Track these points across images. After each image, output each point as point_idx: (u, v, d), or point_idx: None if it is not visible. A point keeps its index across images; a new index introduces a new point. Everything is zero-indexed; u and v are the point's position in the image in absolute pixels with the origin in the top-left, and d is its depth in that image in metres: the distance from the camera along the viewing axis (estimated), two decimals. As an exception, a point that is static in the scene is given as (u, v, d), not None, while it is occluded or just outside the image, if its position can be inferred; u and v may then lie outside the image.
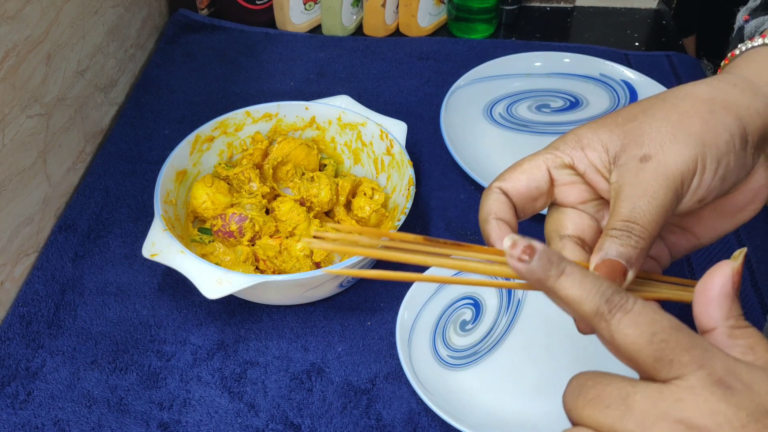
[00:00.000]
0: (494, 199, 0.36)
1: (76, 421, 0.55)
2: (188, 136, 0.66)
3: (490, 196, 0.37)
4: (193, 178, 0.67)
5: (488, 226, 0.36)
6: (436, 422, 0.55)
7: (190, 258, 0.56)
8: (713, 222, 0.38)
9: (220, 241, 0.63)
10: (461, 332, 0.61)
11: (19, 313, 0.61)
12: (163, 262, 0.56)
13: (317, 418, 0.56)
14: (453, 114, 0.80)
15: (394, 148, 0.68)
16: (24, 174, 0.63)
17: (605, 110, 0.84)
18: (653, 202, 0.32)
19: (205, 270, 0.55)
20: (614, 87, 0.86)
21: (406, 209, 0.61)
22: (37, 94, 0.65)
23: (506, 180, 0.36)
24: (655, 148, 0.33)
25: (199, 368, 0.59)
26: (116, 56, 0.82)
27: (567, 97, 0.85)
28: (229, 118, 0.69)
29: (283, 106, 0.71)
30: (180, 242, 0.57)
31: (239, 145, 0.71)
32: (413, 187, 0.63)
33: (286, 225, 0.64)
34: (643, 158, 0.33)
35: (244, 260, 0.62)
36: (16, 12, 0.60)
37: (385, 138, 0.68)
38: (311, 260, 0.62)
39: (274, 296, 0.61)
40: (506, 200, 0.36)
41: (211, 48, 0.92)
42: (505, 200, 0.36)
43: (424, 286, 0.62)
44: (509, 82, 0.86)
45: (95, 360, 0.59)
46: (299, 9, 0.95)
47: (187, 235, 0.65)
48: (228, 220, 0.62)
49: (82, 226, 0.69)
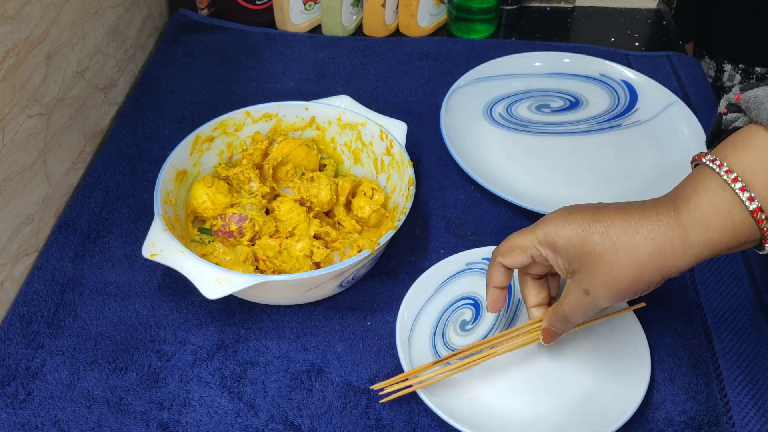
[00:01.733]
0: (497, 270, 0.53)
1: (76, 421, 0.55)
2: (188, 136, 0.66)
3: (494, 268, 0.54)
4: (193, 178, 0.67)
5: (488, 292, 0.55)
6: (436, 422, 0.55)
7: (190, 258, 0.56)
8: None
9: (220, 241, 0.63)
10: (461, 332, 0.61)
11: (19, 313, 0.61)
12: (163, 262, 0.56)
13: (317, 418, 0.56)
14: (453, 114, 0.80)
15: (394, 148, 0.68)
16: (24, 174, 0.63)
17: (605, 110, 0.84)
18: (582, 316, 0.51)
19: (204, 270, 0.55)
20: (614, 87, 0.86)
21: (405, 209, 0.61)
22: (37, 94, 0.65)
23: (505, 258, 0.52)
24: (594, 288, 0.47)
25: (199, 368, 0.59)
26: (116, 56, 0.82)
27: (567, 97, 0.85)
28: (229, 118, 0.69)
29: (283, 106, 0.71)
30: (180, 242, 0.57)
31: (239, 145, 0.71)
32: (413, 188, 0.63)
33: (286, 225, 0.64)
34: (585, 291, 0.48)
35: (243, 260, 0.62)
36: (16, 12, 0.60)
37: (385, 138, 0.68)
38: (311, 260, 0.62)
39: (274, 296, 0.61)
40: (504, 270, 0.53)
41: (211, 48, 0.92)
42: (503, 270, 0.53)
43: (424, 286, 0.62)
44: (509, 82, 0.86)
45: (95, 360, 0.59)
46: (299, 9, 0.95)
47: (187, 235, 0.65)
48: (228, 220, 0.62)
49: (82, 226, 0.69)
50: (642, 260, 0.44)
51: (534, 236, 0.50)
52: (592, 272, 0.46)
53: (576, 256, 0.47)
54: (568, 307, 0.50)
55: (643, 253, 0.44)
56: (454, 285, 0.63)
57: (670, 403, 0.57)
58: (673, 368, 0.59)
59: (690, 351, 0.60)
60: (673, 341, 0.61)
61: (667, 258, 0.44)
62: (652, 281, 0.45)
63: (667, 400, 0.57)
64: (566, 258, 0.48)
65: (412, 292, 0.61)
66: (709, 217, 0.44)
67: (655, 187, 0.74)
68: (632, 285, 0.46)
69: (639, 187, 0.74)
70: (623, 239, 0.45)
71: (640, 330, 0.59)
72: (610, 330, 0.60)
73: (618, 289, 0.46)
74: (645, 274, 0.45)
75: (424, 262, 0.65)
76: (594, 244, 0.46)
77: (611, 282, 0.46)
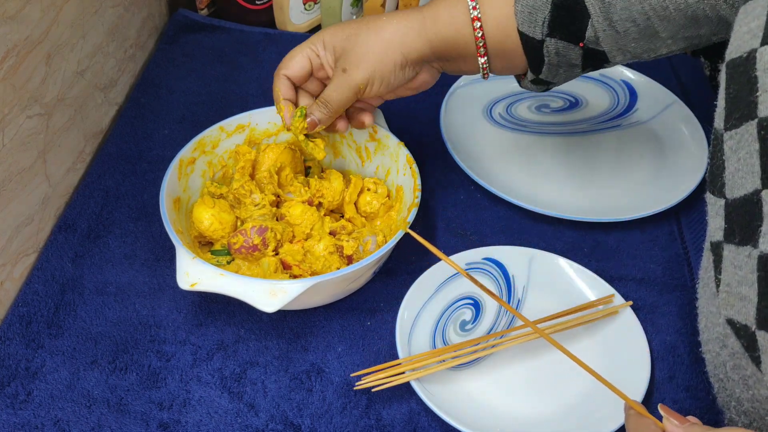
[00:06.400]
0: (282, 83, 0.61)
1: (75, 421, 0.55)
2: (172, 161, 0.64)
3: (279, 81, 0.61)
4: (185, 203, 0.66)
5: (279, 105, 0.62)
6: (436, 422, 0.55)
7: (234, 278, 0.54)
8: (399, 92, 0.62)
9: (243, 258, 0.62)
10: (461, 332, 0.61)
11: (19, 313, 0.61)
12: (206, 289, 0.54)
13: (317, 418, 0.56)
14: (453, 114, 0.80)
15: (378, 133, 0.68)
16: (24, 174, 0.63)
17: (605, 110, 0.84)
18: (340, 96, 0.59)
19: (254, 286, 0.54)
20: (614, 87, 0.86)
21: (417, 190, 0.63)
22: (37, 94, 0.65)
23: (288, 68, 0.60)
24: (350, 67, 0.58)
25: (199, 368, 0.59)
26: (116, 56, 0.82)
27: (567, 97, 0.85)
28: (205, 136, 0.67)
29: (254, 115, 0.70)
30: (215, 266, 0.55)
31: (218, 162, 0.69)
32: (415, 165, 0.65)
33: (302, 227, 0.64)
34: (343, 70, 0.58)
35: (274, 270, 0.61)
36: (16, 12, 0.60)
37: None
38: (338, 255, 0.62)
39: (318, 297, 0.61)
40: (287, 81, 0.61)
41: (210, 48, 0.92)
42: (287, 81, 0.61)
43: (424, 286, 0.62)
44: (509, 82, 0.86)
45: (95, 360, 0.59)
46: (299, 9, 0.95)
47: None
48: (250, 235, 0.61)
49: (82, 226, 0.69)
50: (386, 38, 0.57)
51: (308, 42, 0.60)
52: (349, 53, 0.57)
53: (340, 45, 0.58)
54: (328, 89, 0.59)
55: (388, 32, 0.57)
56: (454, 285, 0.63)
57: (670, 402, 0.57)
58: (672, 367, 0.59)
59: (690, 349, 0.60)
60: (672, 339, 0.61)
61: (407, 40, 0.57)
62: (396, 58, 0.57)
63: (667, 398, 0.57)
64: (332, 49, 0.59)
65: (412, 292, 0.61)
66: (441, 14, 0.57)
67: (654, 187, 0.74)
68: (379, 58, 0.57)
69: (639, 186, 0.74)
70: (376, 23, 0.58)
71: (639, 329, 0.60)
72: (610, 329, 0.61)
73: (368, 62, 0.57)
74: (389, 50, 0.57)
75: (424, 262, 0.65)
76: (355, 34, 0.58)
77: (362, 55, 0.57)
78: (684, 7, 0.52)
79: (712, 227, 0.46)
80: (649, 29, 0.54)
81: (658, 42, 0.55)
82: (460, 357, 0.57)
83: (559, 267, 0.65)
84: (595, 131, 0.81)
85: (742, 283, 0.42)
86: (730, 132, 0.43)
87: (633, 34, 0.54)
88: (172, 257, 0.59)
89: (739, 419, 0.46)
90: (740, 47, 0.43)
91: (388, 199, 0.68)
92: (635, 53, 0.56)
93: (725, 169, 0.44)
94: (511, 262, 0.65)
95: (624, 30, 0.54)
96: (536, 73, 0.58)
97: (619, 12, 0.53)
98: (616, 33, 0.54)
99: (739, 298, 0.43)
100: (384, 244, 0.59)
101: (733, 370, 0.45)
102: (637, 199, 0.72)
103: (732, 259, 0.43)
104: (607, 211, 0.70)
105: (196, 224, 0.63)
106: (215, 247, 0.64)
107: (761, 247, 0.41)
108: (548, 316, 0.60)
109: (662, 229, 0.71)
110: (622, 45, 0.55)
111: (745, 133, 0.42)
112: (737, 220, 0.43)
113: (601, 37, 0.54)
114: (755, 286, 0.41)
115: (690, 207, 0.72)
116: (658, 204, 0.70)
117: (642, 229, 0.70)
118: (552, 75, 0.58)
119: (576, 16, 0.54)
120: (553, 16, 0.54)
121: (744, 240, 0.42)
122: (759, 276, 0.41)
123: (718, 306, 0.45)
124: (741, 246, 0.42)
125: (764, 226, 0.40)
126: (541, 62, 0.56)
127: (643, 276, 0.66)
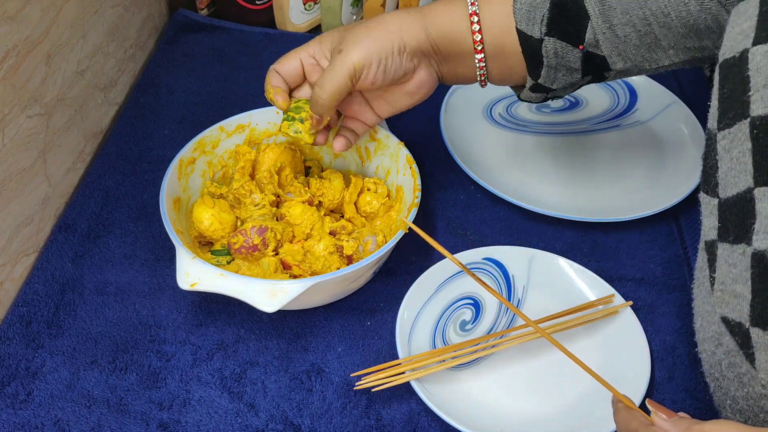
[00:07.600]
0: (272, 76, 0.61)
1: (75, 421, 0.55)
2: (172, 161, 0.64)
3: (270, 74, 0.61)
4: (185, 203, 0.66)
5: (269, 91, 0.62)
6: (436, 422, 0.55)
7: (234, 278, 0.54)
8: (396, 99, 0.61)
9: (243, 258, 0.62)
10: (461, 332, 0.61)
11: (19, 313, 0.62)
12: (206, 289, 0.54)
13: (317, 418, 0.56)
14: (453, 114, 0.80)
15: (378, 133, 0.68)
16: (24, 174, 0.63)
17: (605, 110, 0.84)
18: (334, 77, 0.56)
19: (254, 286, 0.54)
20: (614, 87, 0.86)
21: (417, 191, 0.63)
22: (37, 94, 0.65)
23: (280, 65, 0.61)
24: (346, 47, 0.56)
25: (199, 368, 0.59)
26: (116, 56, 0.82)
27: (567, 97, 0.85)
28: (205, 136, 0.67)
29: (254, 115, 0.70)
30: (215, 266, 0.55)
31: (218, 162, 0.69)
32: (415, 165, 0.65)
33: (302, 227, 0.64)
34: (339, 51, 0.56)
35: (274, 270, 0.61)
36: (16, 12, 0.60)
37: None
38: (338, 255, 0.62)
39: (318, 297, 0.61)
40: (279, 76, 0.61)
41: (210, 48, 0.92)
42: (278, 76, 0.61)
43: (424, 286, 0.62)
44: (509, 82, 0.86)
45: (95, 360, 0.59)
46: (299, 9, 0.95)
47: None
48: (250, 235, 0.61)
49: (82, 226, 0.69)
50: (385, 24, 0.57)
51: (304, 45, 0.61)
52: (347, 36, 0.57)
53: (338, 35, 0.58)
54: (323, 73, 0.57)
55: (388, 23, 0.57)
56: (454, 285, 0.63)
57: (670, 402, 0.57)
58: (672, 367, 0.59)
59: (689, 350, 0.60)
60: (672, 340, 0.61)
61: (405, 28, 0.57)
62: (394, 41, 0.56)
63: (667, 399, 0.57)
64: (329, 42, 0.59)
65: (412, 292, 0.61)
66: (440, 10, 0.58)
67: (654, 187, 0.74)
68: (377, 40, 0.56)
69: (638, 186, 0.74)
70: (376, 18, 0.58)
71: (639, 329, 0.60)
72: (610, 329, 0.61)
73: (365, 42, 0.56)
74: (389, 33, 0.56)
75: (424, 262, 0.65)
76: (353, 26, 0.58)
77: (360, 36, 0.56)
78: (686, 15, 0.52)
79: (707, 226, 0.46)
80: (650, 36, 0.54)
81: (659, 51, 0.55)
82: (460, 357, 0.57)
83: (559, 267, 0.65)
84: (595, 131, 0.81)
85: (736, 281, 0.42)
86: (724, 132, 0.44)
87: (633, 40, 0.54)
88: (172, 257, 0.59)
89: (734, 418, 0.46)
90: (733, 47, 0.44)
91: (388, 199, 0.68)
92: (636, 61, 0.56)
93: (718, 169, 0.44)
94: (511, 262, 0.65)
95: (624, 35, 0.54)
96: (534, 77, 0.57)
97: (619, 16, 0.53)
98: (615, 37, 0.54)
99: (733, 296, 0.43)
100: (384, 244, 0.59)
101: (728, 369, 0.45)
102: (636, 199, 0.72)
103: (726, 258, 0.44)
104: (606, 212, 0.70)
105: (196, 224, 0.63)
106: (215, 247, 0.64)
107: (755, 245, 0.41)
108: (548, 316, 0.60)
109: (662, 230, 0.71)
110: (622, 50, 0.55)
111: (738, 133, 0.42)
112: (731, 219, 0.43)
113: (601, 40, 0.54)
114: (749, 284, 0.41)
115: (689, 207, 0.72)
116: (658, 204, 0.70)
117: (641, 229, 0.71)
118: (551, 79, 0.57)
119: (575, 16, 0.54)
120: (552, 14, 0.54)
121: (738, 238, 0.42)
122: (753, 273, 0.41)
123: (713, 304, 0.45)
124: (735, 244, 0.43)
125: (757, 224, 0.41)
126: (539, 63, 0.56)
127: (643, 276, 0.66)
